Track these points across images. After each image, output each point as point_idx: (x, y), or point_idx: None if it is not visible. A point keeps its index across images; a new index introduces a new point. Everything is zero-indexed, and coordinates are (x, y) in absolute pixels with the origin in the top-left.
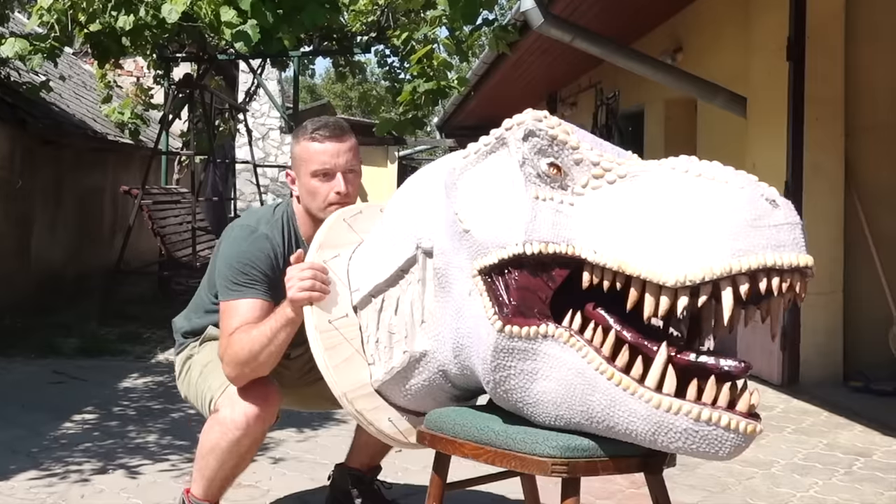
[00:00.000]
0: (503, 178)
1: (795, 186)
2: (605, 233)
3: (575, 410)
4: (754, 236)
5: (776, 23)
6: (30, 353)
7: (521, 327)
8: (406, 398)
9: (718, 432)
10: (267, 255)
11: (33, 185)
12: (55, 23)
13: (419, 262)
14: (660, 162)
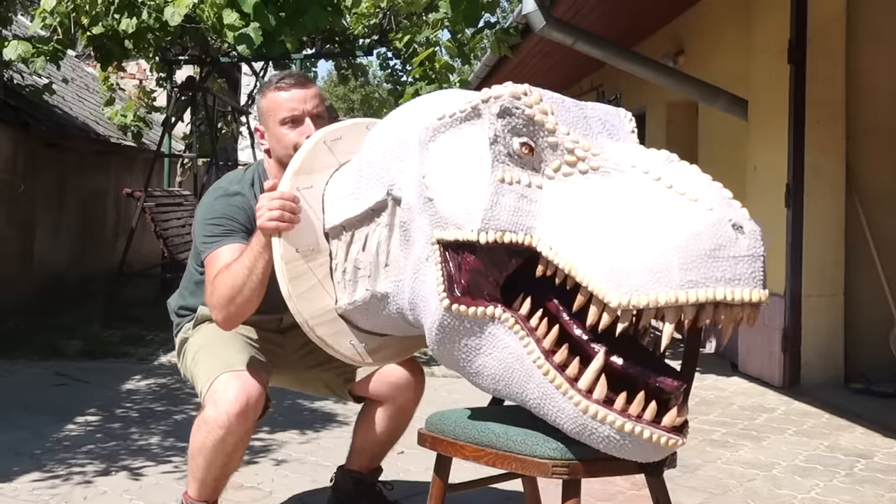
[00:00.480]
0: (473, 151)
1: (796, 189)
2: (564, 229)
3: (512, 390)
4: (710, 267)
5: (777, 25)
6: (33, 355)
7: (469, 307)
8: (368, 324)
9: (639, 443)
10: (241, 209)
11: (36, 188)
12: (58, 25)
13: (388, 207)
14: (637, 159)
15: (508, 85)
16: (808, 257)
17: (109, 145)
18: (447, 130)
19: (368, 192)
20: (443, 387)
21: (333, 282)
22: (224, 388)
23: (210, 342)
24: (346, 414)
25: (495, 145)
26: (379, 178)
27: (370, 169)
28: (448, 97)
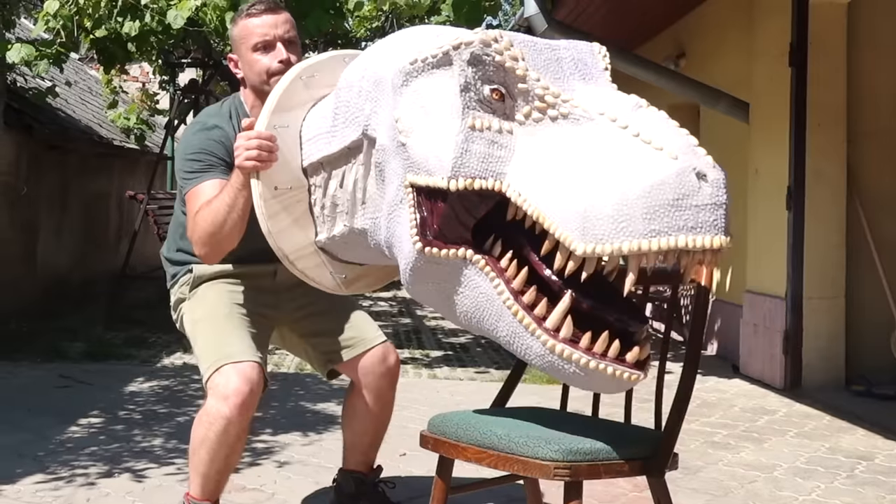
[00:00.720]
0: (444, 97)
1: (798, 192)
2: (532, 175)
3: (483, 327)
4: (673, 217)
5: (778, 28)
6: (36, 357)
7: (441, 250)
8: (347, 255)
9: (604, 378)
10: (219, 142)
11: (39, 191)
12: (61, 28)
13: (364, 147)
14: (606, 106)
15: (479, 31)
16: (809, 260)
17: (112, 148)
18: (419, 75)
19: (345, 131)
20: (444, 389)
21: (313, 217)
22: (225, 381)
23: (209, 316)
24: None
25: (466, 92)
26: (355, 118)
27: (346, 108)
28: (422, 35)
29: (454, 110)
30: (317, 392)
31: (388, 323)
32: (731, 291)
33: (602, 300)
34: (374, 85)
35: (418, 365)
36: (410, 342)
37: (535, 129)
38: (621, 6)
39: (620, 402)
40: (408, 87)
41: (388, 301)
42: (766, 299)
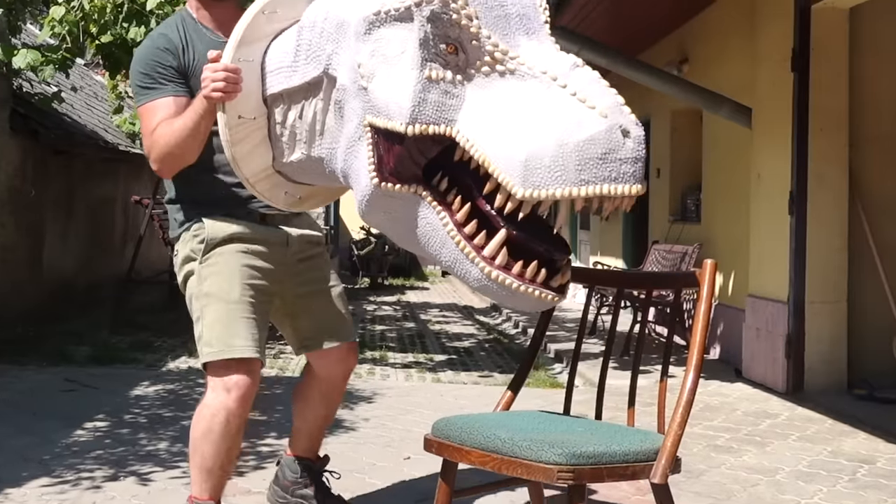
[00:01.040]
0: (405, 49)
1: (800, 196)
2: (480, 124)
3: (428, 253)
4: (600, 168)
5: (781, 34)
6: (42, 361)
7: (394, 185)
8: (302, 177)
9: (530, 300)
10: (166, 49)
11: (45, 195)
12: (67, 34)
13: (324, 84)
14: (548, 64)
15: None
16: (811, 264)
17: (118, 153)
18: (382, 25)
19: (306, 68)
20: (448, 392)
21: (271, 142)
22: (226, 373)
23: (220, 297)
24: (353, 420)
25: (425, 46)
26: (316, 56)
27: (308, 47)
28: None
29: (413, 62)
30: None
31: (393, 327)
32: (734, 295)
33: (532, 233)
34: (337, 28)
35: (422, 369)
36: (415, 346)
37: (484, 82)
38: (624, 12)
39: (623, 406)
40: (370, 36)
41: (392, 306)
42: (768, 303)
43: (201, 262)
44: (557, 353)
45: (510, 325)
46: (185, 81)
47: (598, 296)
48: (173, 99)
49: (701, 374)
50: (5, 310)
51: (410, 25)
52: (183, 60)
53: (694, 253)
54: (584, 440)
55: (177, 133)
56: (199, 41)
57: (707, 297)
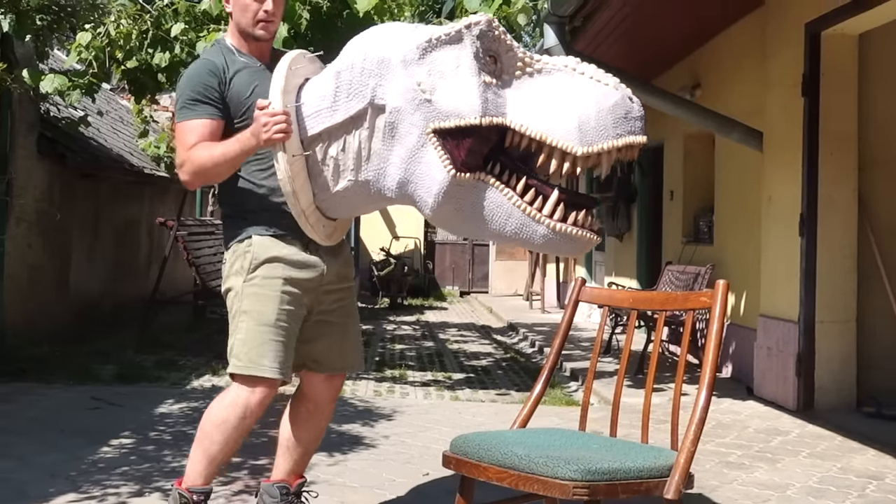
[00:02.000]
0: (458, 63)
1: (810, 218)
2: (528, 110)
3: (492, 230)
4: (625, 125)
5: (791, 60)
6: (69, 379)
7: (465, 174)
8: (335, 211)
9: (584, 241)
10: (210, 72)
11: (72, 218)
12: (93, 59)
13: (368, 114)
14: (565, 63)
15: (481, 15)
16: (821, 285)
17: (143, 176)
18: (434, 50)
19: (348, 104)
20: (466, 410)
21: (311, 179)
22: (251, 385)
23: (258, 317)
24: (373, 437)
25: (477, 58)
26: (359, 92)
27: (349, 86)
28: (400, 28)
29: (471, 71)
30: (342, 413)
31: (412, 346)
32: (746, 315)
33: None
34: (378, 64)
35: (441, 387)
36: (433, 365)
37: (518, 83)
38: (638, 38)
39: (638, 423)
40: (424, 59)
41: (411, 325)
42: (779, 323)
43: (245, 280)
44: (573, 372)
45: (527, 344)
46: (223, 105)
47: (613, 315)
48: (210, 121)
49: (713, 392)
50: (33, 329)
51: (461, 45)
52: (223, 82)
53: (706, 274)
54: (599, 457)
55: (217, 158)
56: (236, 68)
57: (719, 316)
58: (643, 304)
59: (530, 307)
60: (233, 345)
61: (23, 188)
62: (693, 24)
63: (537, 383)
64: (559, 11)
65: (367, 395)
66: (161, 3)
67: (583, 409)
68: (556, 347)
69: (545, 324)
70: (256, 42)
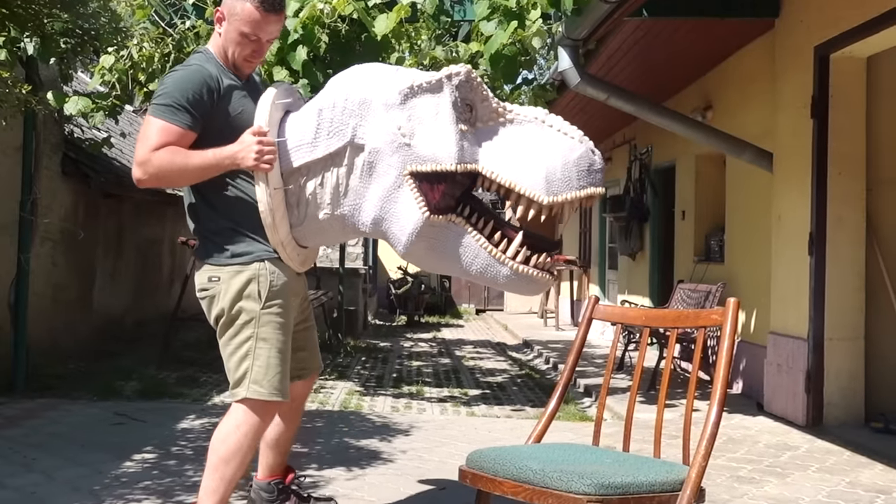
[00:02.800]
0: (437, 111)
1: (819, 238)
2: (499, 158)
3: (460, 266)
4: (587, 177)
5: (801, 82)
6: (92, 395)
7: (438, 216)
8: (309, 241)
9: (542, 284)
10: (206, 83)
11: (95, 237)
12: (116, 82)
13: (347, 152)
14: (535, 114)
15: (461, 66)
16: (830, 302)
17: (165, 195)
18: (414, 97)
19: (328, 142)
20: (482, 426)
21: (288, 210)
22: (265, 407)
23: (275, 344)
24: (390, 452)
25: (455, 107)
26: (339, 131)
27: (329, 124)
28: (383, 70)
29: (449, 119)
30: (360, 429)
31: (429, 363)
32: (756, 333)
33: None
34: (359, 105)
35: (457, 403)
36: (450, 381)
37: (492, 131)
38: (650, 61)
39: (650, 438)
40: (405, 105)
41: (428, 342)
42: (789, 340)
43: (263, 307)
44: (587, 388)
45: (541, 360)
46: (201, 118)
47: (626, 333)
48: (184, 131)
49: (724, 407)
50: (57, 346)
51: (440, 93)
52: (214, 91)
53: (718, 292)
54: (612, 471)
55: (185, 166)
56: (228, 84)
57: (730, 334)
58: (655, 322)
59: (545, 325)
60: (248, 369)
61: (47, 208)
62: (704, 47)
63: (552, 399)
64: (573, 35)
65: (384, 411)
66: (183, 26)
67: (596, 425)
68: (570, 364)
69: (559, 341)
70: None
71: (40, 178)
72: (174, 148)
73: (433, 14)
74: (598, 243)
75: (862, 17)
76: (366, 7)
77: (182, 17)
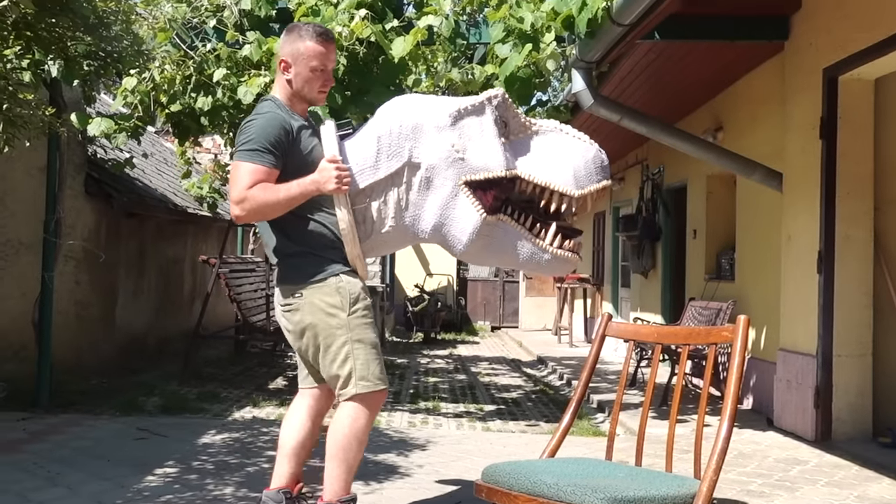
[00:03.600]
0: (482, 129)
1: (828, 256)
2: (533, 163)
3: (510, 256)
4: (602, 172)
5: (810, 103)
6: (115, 411)
7: (491, 215)
8: (374, 251)
9: (573, 262)
10: (283, 128)
11: (118, 256)
12: (138, 103)
13: (406, 171)
14: (553, 125)
15: (497, 89)
16: (838, 319)
17: (186, 215)
18: (462, 118)
19: (388, 163)
20: (497, 440)
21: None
22: (373, 398)
23: (368, 343)
24: (407, 467)
25: (496, 124)
26: (397, 153)
27: (388, 148)
28: (429, 99)
29: (493, 134)
30: (378, 444)
31: (445, 379)
32: (766, 349)
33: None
34: (413, 130)
35: (472, 418)
36: (465, 397)
37: (521, 141)
38: (662, 83)
39: (662, 452)
40: (455, 126)
41: (444, 359)
42: (798, 357)
43: (350, 314)
44: (600, 404)
45: (555, 377)
46: (283, 159)
47: (638, 349)
48: (270, 170)
49: (735, 423)
50: (81, 363)
51: (483, 114)
52: (290, 134)
53: (728, 309)
54: (625, 485)
55: (278, 199)
56: (298, 126)
57: (741, 350)
58: (667, 339)
59: (559, 341)
60: (352, 369)
61: (71, 227)
62: (715, 69)
63: (565, 414)
64: (586, 57)
65: (402, 426)
66: (204, 49)
67: (609, 440)
68: (583, 380)
69: (573, 357)
70: (305, 105)
71: (64, 198)
72: (264, 185)
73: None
74: (611, 261)
75: (870, 39)
76: (383, 30)
77: (203, 40)
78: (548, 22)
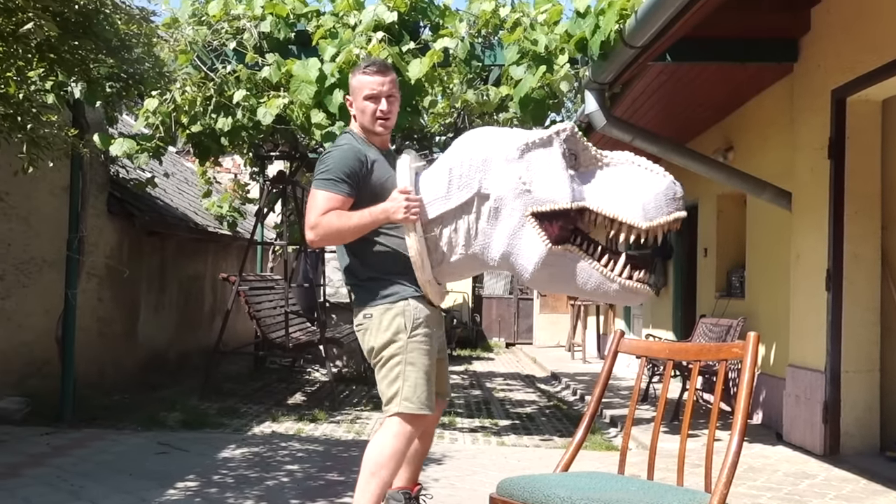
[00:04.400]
0: (549, 161)
1: (836, 274)
2: (601, 195)
3: (577, 286)
4: (673, 204)
5: (818, 124)
6: (137, 426)
7: (557, 246)
8: (446, 277)
9: (643, 293)
10: (358, 158)
11: (140, 273)
12: (160, 124)
13: (476, 201)
14: (626, 157)
15: (566, 123)
16: (846, 336)
17: (207, 234)
18: (530, 151)
19: (459, 194)
20: (512, 455)
21: (429, 254)
22: (415, 420)
23: (422, 367)
24: (423, 481)
25: (564, 157)
26: (468, 184)
27: (459, 179)
28: (499, 132)
29: (561, 167)
30: None
31: (461, 394)
32: (775, 365)
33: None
34: (482, 162)
35: (488, 433)
36: (480, 412)
37: (592, 174)
38: (673, 104)
39: (673, 467)
40: (523, 158)
41: (460, 375)
42: (807, 373)
43: (410, 337)
44: (612, 419)
45: (569, 392)
46: (357, 188)
47: (650, 365)
48: (344, 198)
49: (745, 437)
50: (103, 378)
51: (550, 147)
52: (364, 165)
53: (738, 326)
54: (637, 498)
55: (350, 226)
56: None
57: (750, 366)
58: (678, 355)
59: (572, 357)
60: (399, 389)
61: (93, 245)
62: (726, 90)
63: (579, 429)
64: (599, 79)
65: None
66: (224, 71)
67: (622, 454)
68: (596, 396)
69: (586, 373)
70: (380, 137)
71: (87, 217)
72: (338, 211)
73: (465, 59)
74: None
75: (878, 61)
76: (400, 52)
77: (223, 62)
78: (561, 44)
